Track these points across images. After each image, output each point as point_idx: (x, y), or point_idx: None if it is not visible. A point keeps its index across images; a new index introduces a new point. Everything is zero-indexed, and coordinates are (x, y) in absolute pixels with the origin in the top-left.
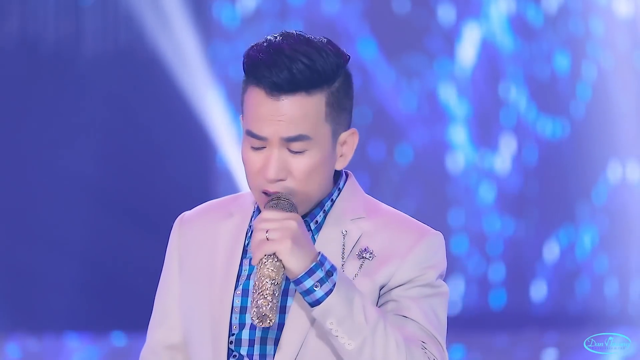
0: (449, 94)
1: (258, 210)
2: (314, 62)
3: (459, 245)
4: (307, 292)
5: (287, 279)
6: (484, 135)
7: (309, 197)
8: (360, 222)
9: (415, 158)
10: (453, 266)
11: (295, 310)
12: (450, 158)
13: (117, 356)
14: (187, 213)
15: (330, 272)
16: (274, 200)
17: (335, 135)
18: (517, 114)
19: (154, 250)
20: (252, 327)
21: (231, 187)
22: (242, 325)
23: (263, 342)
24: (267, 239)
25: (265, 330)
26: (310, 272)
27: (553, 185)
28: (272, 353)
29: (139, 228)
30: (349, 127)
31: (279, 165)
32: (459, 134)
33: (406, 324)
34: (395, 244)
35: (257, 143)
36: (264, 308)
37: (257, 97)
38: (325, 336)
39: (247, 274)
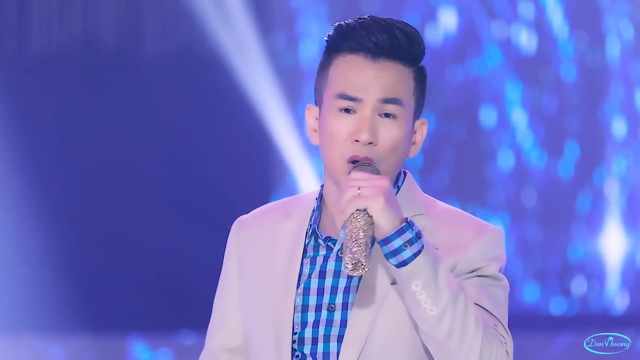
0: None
1: (319, 210)
2: (410, 31)
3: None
4: (395, 252)
5: (348, 276)
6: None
7: (387, 173)
8: (420, 218)
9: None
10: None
11: (358, 307)
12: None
13: (183, 355)
14: (244, 217)
15: (419, 234)
16: (360, 165)
17: (415, 116)
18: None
19: (218, 249)
20: (315, 326)
21: (293, 187)
22: (304, 324)
23: (326, 339)
24: (359, 195)
25: (329, 328)
26: (400, 232)
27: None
28: (336, 350)
29: (202, 227)
30: (420, 116)
31: (371, 127)
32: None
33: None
34: (456, 238)
35: (348, 104)
36: (359, 255)
37: (352, 62)
38: (389, 331)
39: (308, 272)
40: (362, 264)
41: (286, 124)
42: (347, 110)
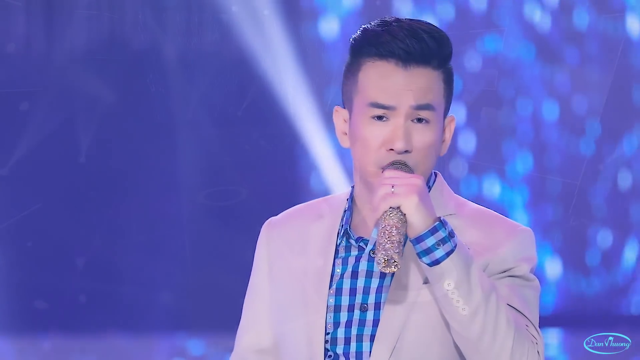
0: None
1: (350, 210)
2: (437, 33)
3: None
4: (427, 251)
5: (380, 274)
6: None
7: (422, 176)
8: (451, 218)
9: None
10: None
11: (390, 306)
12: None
13: (212, 356)
14: (274, 218)
15: (452, 234)
16: (394, 164)
17: (444, 115)
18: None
19: (247, 249)
20: (348, 325)
21: (322, 189)
22: (336, 324)
23: (359, 339)
24: (393, 193)
25: (361, 328)
26: (433, 230)
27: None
28: (369, 350)
29: (231, 228)
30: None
31: (406, 135)
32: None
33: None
34: (487, 238)
35: (381, 112)
36: (391, 252)
37: (382, 69)
38: (421, 329)
39: (340, 273)
40: (395, 261)
41: (317, 122)
42: (379, 118)
